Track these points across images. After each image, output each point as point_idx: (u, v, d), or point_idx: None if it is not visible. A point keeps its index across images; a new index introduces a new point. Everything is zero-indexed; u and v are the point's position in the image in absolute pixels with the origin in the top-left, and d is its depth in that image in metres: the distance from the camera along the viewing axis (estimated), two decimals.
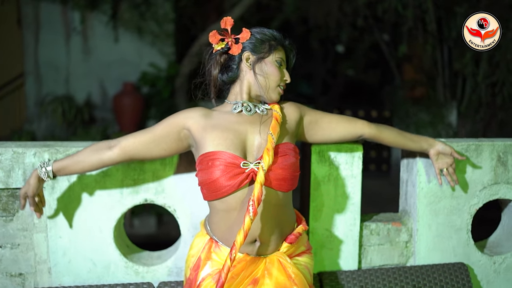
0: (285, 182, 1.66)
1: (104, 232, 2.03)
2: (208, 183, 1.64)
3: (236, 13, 7.19)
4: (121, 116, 7.99)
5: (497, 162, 2.11)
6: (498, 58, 6.20)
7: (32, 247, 2.05)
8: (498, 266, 2.16)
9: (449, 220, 2.11)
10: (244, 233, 1.56)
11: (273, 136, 1.65)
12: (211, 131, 1.68)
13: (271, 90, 1.75)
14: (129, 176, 2.00)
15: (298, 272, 1.68)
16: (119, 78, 8.34)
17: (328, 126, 1.88)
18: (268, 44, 1.75)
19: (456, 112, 8.15)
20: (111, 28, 8.35)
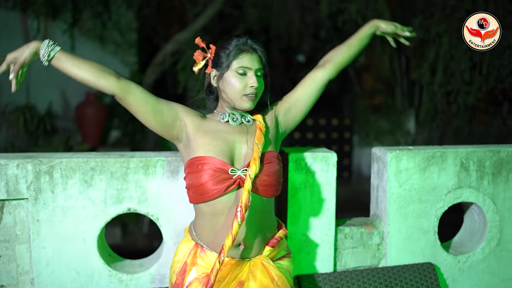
0: (270, 188, 1.75)
1: (88, 242, 2.06)
2: (196, 186, 1.72)
3: (199, 23, 7.27)
4: (83, 126, 7.90)
5: (460, 168, 2.27)
6: (453, 68, 6.48)
7: (14, 259, 2.06)
8: (462, 265, 2.32)
9: (417, 223, 2.25)
10: (232, 237, 1.64)
11: (259, 146, 1.74)
12: (203, 135, 1.76)
13: (237, 101, 1.79)
14: (113, 186, 2.05)
15: (280, 274, 1.77)
16: (81, 88, 8.22)
17: (300, 103, 1.96)
18: (227, 57, 1.78)
19: (414, 120, 8.45)
20: (72, 36, 8.27)
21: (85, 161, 2.03)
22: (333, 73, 2.01)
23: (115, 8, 8.36)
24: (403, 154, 2.21)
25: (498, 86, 6.34)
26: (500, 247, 2.34)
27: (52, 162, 2.02)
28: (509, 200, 2.33)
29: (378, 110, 8.90)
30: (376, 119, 8.76)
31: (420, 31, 6.77)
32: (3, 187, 2.00)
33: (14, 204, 2.03)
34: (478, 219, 2.40)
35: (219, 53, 1.80)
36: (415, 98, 8.56)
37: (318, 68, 2.00)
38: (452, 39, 6.40)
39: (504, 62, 6.18)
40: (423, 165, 2.23)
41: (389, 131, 8.60)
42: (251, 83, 1.77)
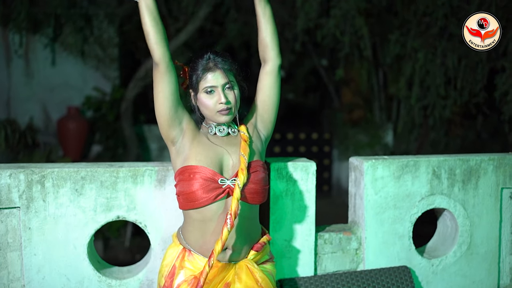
0: (258, 195, 1.87)
1: (78, 248, 2.14)
2: (186, 193, 1.82)
3: (181, 39, 7.37)
4: (65, 141, 7.91)
5: (432, 176, 2.40)
6: (428, 83, 6.69)
7: (5, 266, 2.12)
8: (435, 268, 2.44)
9: (393, 228, 2.38)
10: (222, 243, 1.76)
11: (245, 157, 1.86)
12: (196, 146, 1.87)
13: (214, 118, 1.91)
14: (102, 195, 2.13)
15: (264, 277, 1.88)
16: (62, 102, 8.27)
17: (266, 102, 2.01)
18: (196, 79, 1.89)
19: (392, 133, 8.66)
20: (53, 51, 8.31)
21: (75, 171, 2.12)
22: (275, 56, 1.99)
23: (96, 23, 8.43)
24: (379, 163, 2.34)
25: (472, 100, 6.56)
26: (471, 250, 2.48)
27: (44, 172, 2.10)
28: (478, 206, 2.47)
29: (357, 124, 9.10)
30: (355, 133, 8.95)
31: (396, 47, 6.99)
32: None
33: (6, 213, 2.10)
34: (450, 224, 2.53)
35: (191, 75, 1.92)
36: (392, 112, 8.78)
37: (263, 63, 2.02)
38: (428, 54, 6.62)
39: (477, 77, 6.41)
40: (398, 174, 2.36)
41: (368, 144, 8.78)
42: (219, 100, 1.86)
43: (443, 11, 6.39)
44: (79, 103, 8.28)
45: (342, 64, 8.19)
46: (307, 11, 6.73)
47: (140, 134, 8.38)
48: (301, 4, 6.59)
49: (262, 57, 2.02)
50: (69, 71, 8.37)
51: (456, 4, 6.30)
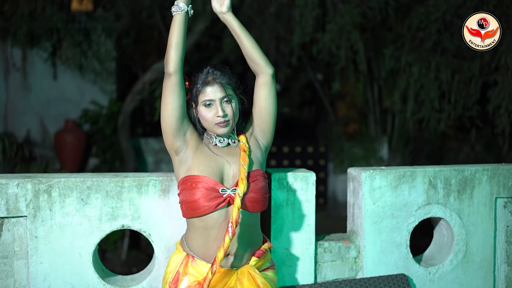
0: (258, 204, 1.93)
1: (84, 257, 2.18)
2: (189, 202, 1.89)
3: None
4: (62, 153, 7.95)
5: (429, 186, 2.47)
6: (422, 97, 6.79)
7: (12, 274, 2.16)
8: (432, 276, 2.50)
9: (390, 237, 2.43)
10: (224, 250, 1.82)
11: (245, 167, 1.92)
12: (199, 156, 1.94)
13: (212, 130, 1.98)
14: (108, 204, 2.18)
15: (265, 282, 1.94)
16: (59, 115, 8.32)
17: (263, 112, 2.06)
18: (195, 92, 1.96)
19: (387, 147, 8.74)
20: (51, 65, 8.38)
21: (81, 181, 2.17)
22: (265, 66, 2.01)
23: (94, 37, 8.52)
24: (376, 173, 2.41)
25: (466, 113, 6.65)
26: (467, 258, 2.53)
27: (51, 182, 2.15)
28: (473, 215, 2.53)
29: (352, 138, 9.18)
30: (350, 146, 9.02)
31: (391, 61, 7.10)
32: (3, 205, 2.11)
33: (13, 222, 2.15)
34: (446, 233, 2.59)
35: (192, 88, 1.98)
36: (387, 126, 8.87)
37: (256, 76, 2.07)
38: (422, 69, 6.73)
39: (470, 91, 6.51)
40: (395, 184, 2.43)
41: (363, 157, 8.85)
42: (217, 113, 1.93)
43: (437, 26, 6.51)
44: (76, 117, 8.33)
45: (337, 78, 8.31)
46: (303, 26, 6.84)
47: (136, 147, 8.43)
48: (298, 19, 6.69)
49: (253, 71, 2.08)
50: (67, 84, 8.44)
51: (449, 19, 6.43)
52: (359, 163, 8.77)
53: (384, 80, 8.04)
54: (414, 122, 7.10)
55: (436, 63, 6.63)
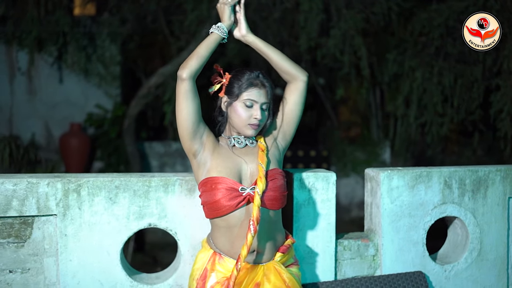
0: (276, 202, 1.99)
1: (112, 255, 2.24)
2: (210, 203, 1.95)
3: (184, 57, 7.50)
4: (67, 157, 8.00)
5: (444, 186, 2.54)
6: (425, 101, 6.88)
7: (42, 271, 2.22)
8: (448, 273, 2.56)
9: (408, 236, 2.50)
10: (247, 248, 1.88)
11: (263, 166, 1.99)
12: (216, 157, 2.00)
13: (241, 128, 2.03)
14: (135, 203, 2.25)
15: (291, 277, 2.01)
16: (64, 119, 8.38)
17: (288, 116, 2.13)
18: (238, 88, 2.00)
19: (389, 151, 8.82)
20: (56, 69, 8.44)
21: (110, 180, 2.23)
22: (299, 74, 2.10)
23: (99, 42, 8.59)
24: (394, 173, 2.48)
25: (468, 117, 6.74)
26: (481, 257, 2.60)
27: (80, 181, 2.21)
28: (487, 214, 2.60)
29: (355, 142, 9.26)
30: (352, 150, 9.10)
31: (394, 66, 7.19)
32: (34, 204, 2.17)
33: (43, 220, 2.21)
34: (460, 232, 2.66)
35: (232, 82, 2.03)
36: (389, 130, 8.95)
37: (288, 82, 2.15)
38: (425, 73, 6.82)
39: (473, 95, 6.60)
40: (412, 183, 2.50)
41: (365, 161, 8.92)
42: (255, 115, 2.00)
43: (439, 31, 6.60)
44: (80, 120, 8.38)
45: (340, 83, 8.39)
46: (308, 31, 6.92)
47: (141, 151, 8.48)
48: (303, 24, 6.77)
49: (285, 79, 2.16)
50: (71, 88, 8.50)
51: (451, 24, 6.52)
52: (362, 167, 8.84)
53: (387, 85, 8.12)
54: (417, 126, 7.18)
55: (439, 68, 6.72)
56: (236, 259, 1.96)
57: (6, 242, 2.19)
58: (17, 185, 2.16)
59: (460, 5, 6.40)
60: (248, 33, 2.10)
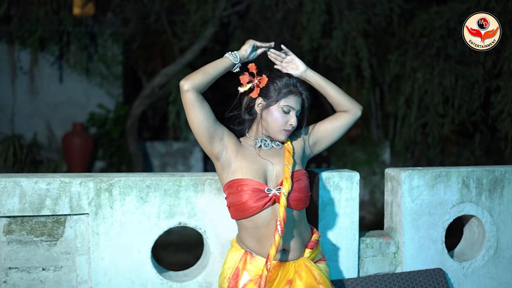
0: (301, 202, 2.05)
1: (143, 253, 2.29)
2: (237, 204, 2.00)
3: (187, 58, 7.56)
4: (70, 156, 8.02)
5: (462, 185, 2.61)
6: (427, 102, 6.96)
7: (74, 269, 2.27)
8: (466, 271, 2.64)
9: (427, 234, 2.57)
10: (275, 247, 1.94)
11: (289, 167, 2.03)
12: (241, 159, 2.04)
13: (274, 133, 2.07)
14: (166, 202, 2.30)
15: (321, 274, 2.06)
16: (66, 119, 8.40)
17: (326, 131, 2.22)
18: (277, 93, 2.04)
19: (389, 151, 8.91)
20: (58, 68, 8.46)
21: (141, 180, 2.28)
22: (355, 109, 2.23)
23: (101, 41, 8.61)
24: (415, 173, 2.55)
25: (469, 118, 6.83)
26: (497, 254, 2.68)
27: (112, 181, 2.26)
28: (503, 213, 2.68)
29: (355, 142, 9.35)
30: (352, 150, 9.18)
31: (396, 67, 7.27)
32: (67, 203, 2.22)
33: (75, 219, 2.26)
34: (477, 230, 2.74)
35: (269, 85, 2.06)
36: (389, 130, 9.04)
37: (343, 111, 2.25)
38: (426, 74, 6.90)
39: (473, 96, 6.70)
40: (432, 183, 2.57)
41: (365, 161, 9.01)
42: (291, 122, 2.05)
43: (440, 32, 6.69)
44: (82, 120, 8.40)
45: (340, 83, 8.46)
46: (311, 32, 6.99)
47: (142, 150, 8.52)
48: (306, 25, 6.84)
49: (338, 110, 2.26)
50: (73, 88, 8.52)
51: (452, 26, 6.61)
52: (362, 167, 8.93)
53: (388, 85, 8.21)
54: (418, 127, 7.26)
55: (440, 69, 6.80)
56: (265, 258, 2.01)
57: (39, 241, 2.23)
58: (50, 185, 2.21)
59: (461, 6, 6.49)
60: (307, 69, 2.18)
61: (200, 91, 1.98)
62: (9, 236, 2.21)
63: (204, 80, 1.98)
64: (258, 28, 8.12)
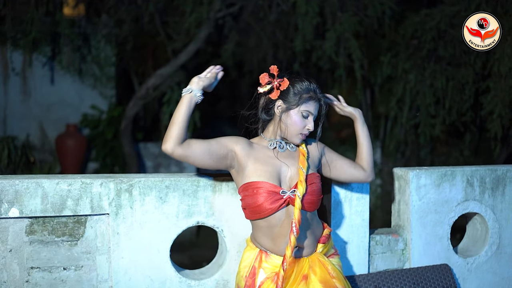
0: (313, 204, 2.13)
1: (162, 252, 2.35)
2: (253, 206, 2.07)
3: (182, 59, 7.60)
4: (64, 158, 8.01)
5: (467, 184, 2.71)
6: (418, 103, 7.09)
7: (94, 268, 2.32)
8: (470, 266, 2.74)
9: (434, 231, 2.67)
10: (291, 248, 2.02)
11: (303, 170, 2.10)
12: (254, 162, 2.09)
13: (291, 136, 2.13)
14: (184, 202, 2.36)
15: (335, 268, 2.15)
16: (59, 120, 8.39)
17: (341, 168, 2.33)
18: (298, 97, 2.09)
19: (380, 151, 9.04)
20: (51, 70, 8.44)
21: (160, 180, 2.34)
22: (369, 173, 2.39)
23: (94, 42, 8.60)
24: (422, 172, 2.64)
25: (460, 119, 6.98)
26: (500, 250, 2.79)
27: (132, 181, 2.31)
28: (505, 210, 2.79)
29: (345, 143, 9.46)
30: (344, 150, 9.26)
31: (388, 68, 7.40)
32: (88, 203, 2.27)
33: (95, 219, 2.31)
34: (480, 227, 2.85)
35: (289, 89, 2.10)
36: (380, 130, 9.17)
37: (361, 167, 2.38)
38: (418, 76, 7.03)
39: (464, 97, 6.84)
40: (438, 182, 2.66)
41: None
42: (309, 127, 2.12)
43: (431, 35, 6.83)
44: (75, 121, 8.40)
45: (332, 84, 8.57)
46: (304, 33, 7.08)
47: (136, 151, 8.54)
48: (300, 26, 6.93)
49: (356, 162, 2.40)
50: (66, 89, 8.51)
51: (443, 28, 6.75)
52: None
53: (379, 86, 8.33)
54: (410, 127, 7.39)
55: (431, 71, 6.94)
56: (280, 255, 2.09)
57: (60, 241, 2.28)
58: (71, 185, 2.25)
59: (452, 9, 6.63)
60: (360, 117, 2.42)
61: (182, 141, 1.99)
62: (31, 237, 2.25)
63: (179, 131, 1.98)
64: (251, 29, 8.20)
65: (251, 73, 10.13)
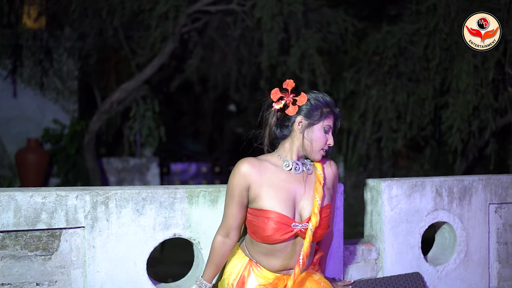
0: (321, 237, 2.12)
1: (138, 265, 2.32)
2: (260, 234, 2.04)
3: (147, 73, 7.58)
4: (24, 173, 7.81)
5: (436, 194, 2.80)
6: (380, 117, 7.27)
7: (69, 283, 2.27)
8: (440, 273, 2.82)
9: (405, 240, 2.74)
10: (294, 279, 2.02)
11: (318, 201, 2.03)
12: (267, 189, 2.03)
13: (314, 152, 2.07)
14: (161, 214, 2.35)
15: (323, 278, 2.17)
16: (19, 134, 8.19)
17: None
18: (320, 112, 2.03)
19: (342, 165, 9.19)
20: (11, 83, 8.25)
21: (137, 192, 2.32)
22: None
23: (56, 56, 8.47)
24: (393, 183, 2.71)
25: (420, 133, 7.18)
26: (467, 257, 2.88)
27: (108, 194, 2.29)
28: (471, 219, 2.89)
29: None
30: None
31: (351, 84, 7.57)
32: (63, 216, 2.23)
33: (70, 232, 2.26)
34: (448, 236, 2.93)
35: (309, 104, 2.02)
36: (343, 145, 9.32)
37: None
38: (379, 91, 7.22)
39: (424, 112, 7.05)
40: (409, 192, 2.74)
41: None
42: (330, 142, 2.08)
43: (392, 51, 7.04)
44: (36, 136, 8.21)
45: None
46: (270, 50, 7.18)
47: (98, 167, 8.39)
48: (266, 41, 7.02)
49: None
50: (27, 103, 8.33)
51: (403, 45, 6.98)
52: None
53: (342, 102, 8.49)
54: (373, 142, 7.56)
55: (392, 86, 7.14)
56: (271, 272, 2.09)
57: (33, 255, 2.23)
58: (46, 198, 2.21)
59: (412, 27, 6.86)
60: None
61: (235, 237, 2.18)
62: (3, 251, 2.19)
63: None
64: (216, 44, 8.25)
65: (215, 88, 10.17)
